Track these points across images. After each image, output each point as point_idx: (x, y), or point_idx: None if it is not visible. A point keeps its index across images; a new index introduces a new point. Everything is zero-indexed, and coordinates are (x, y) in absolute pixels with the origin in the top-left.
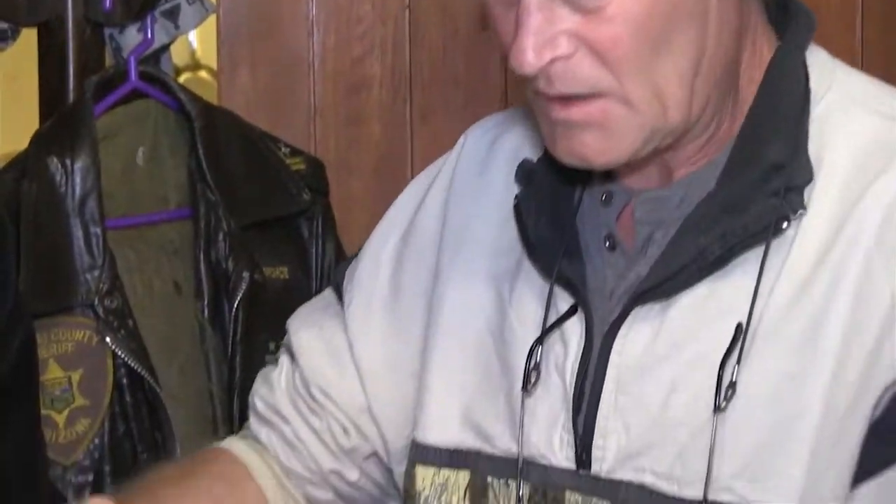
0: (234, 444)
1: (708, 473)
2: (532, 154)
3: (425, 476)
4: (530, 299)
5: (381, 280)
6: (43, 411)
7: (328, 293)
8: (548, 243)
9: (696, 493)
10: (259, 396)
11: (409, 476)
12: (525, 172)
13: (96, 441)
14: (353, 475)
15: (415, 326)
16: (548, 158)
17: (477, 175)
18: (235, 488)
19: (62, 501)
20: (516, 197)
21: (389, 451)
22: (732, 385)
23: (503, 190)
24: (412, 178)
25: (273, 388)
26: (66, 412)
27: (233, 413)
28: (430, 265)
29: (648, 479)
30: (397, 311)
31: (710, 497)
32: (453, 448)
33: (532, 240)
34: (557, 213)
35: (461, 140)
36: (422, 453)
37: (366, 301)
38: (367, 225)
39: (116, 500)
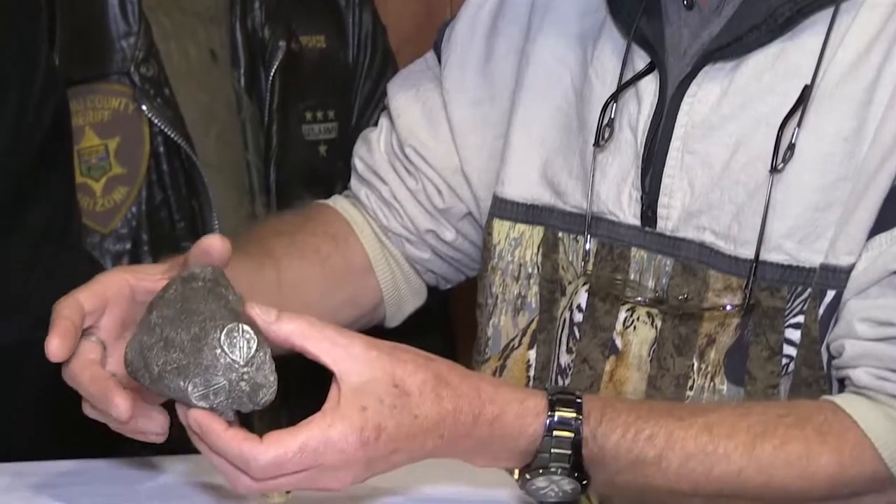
0: (338, 203)
1: (761, 233)
2: None
3: (501, 230)
4: (609, 57)
5: (476, 40)
6: (80, 179)
7: (429, 55)
8: (629, 1)
9: (750, 253)
10: (359, 157)
11: (488, 229)
12: None
13: (133, 209)
14: (449, 235)
15: (504, 86)
16: None
17: None
18: (340, 246)
19: (98, 267)
20: None
21: (481, 210)
22: (791, 146)
23: None
24: None
25: (371, 149)
26: (103, 180)
27: (269, 183)
28: (523, 26)
29: (708, 238)
30: (489, 71)
31: (762, 256)
32: (529, 203)
33: None
34: None
35: None
36: (500, 207)
37: (461, 60)
38: None
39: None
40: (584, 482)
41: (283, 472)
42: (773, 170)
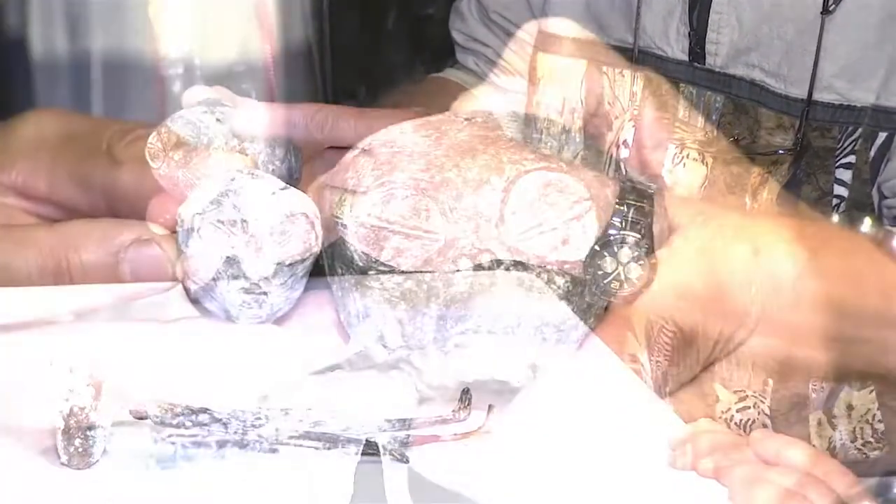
0: (449, 73)
1: (813, 74)
2: None
3: (544, 63)
4: None
5: None
6: None
7: None
8: None
9: (801, 93)
10: (456, 30)
11: (532, 63)
12: None
13: None
14: None
15: None
16: None
17: None
18: (472, 103)
19: None
20: None
21: None
22: None
23: None
24: None
25: (465, 18)
26: None
27: (322, 7)
28: None
29: (758, 76)
30: None
31: (814, 96)
32: (572, 37)
33: None
34: None
35: None
36: (544, 41)
37: None
38: None
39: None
40: None
41: None
42: (826, 11)
